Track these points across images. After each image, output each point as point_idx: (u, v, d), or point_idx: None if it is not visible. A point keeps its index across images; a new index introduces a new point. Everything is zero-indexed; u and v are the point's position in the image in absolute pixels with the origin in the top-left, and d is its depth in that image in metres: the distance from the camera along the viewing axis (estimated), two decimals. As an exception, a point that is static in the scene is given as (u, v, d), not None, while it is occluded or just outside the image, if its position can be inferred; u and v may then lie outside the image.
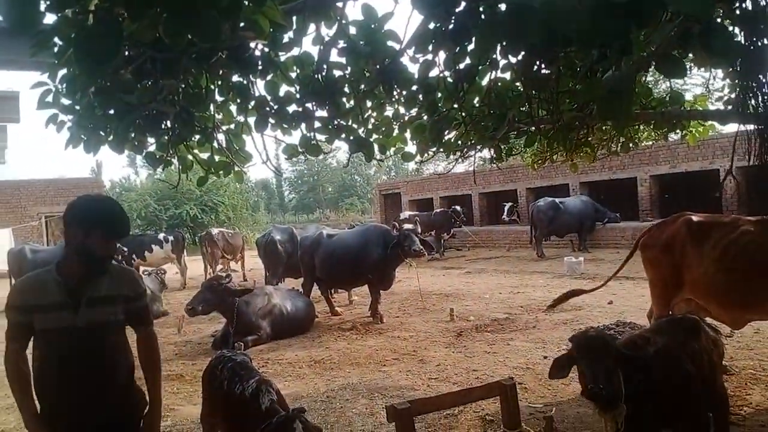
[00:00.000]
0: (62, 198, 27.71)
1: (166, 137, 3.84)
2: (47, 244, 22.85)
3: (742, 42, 3.69)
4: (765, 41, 3.82)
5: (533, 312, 9.90)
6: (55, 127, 3.52)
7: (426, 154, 5.14)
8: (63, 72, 3.20)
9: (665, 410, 3.20)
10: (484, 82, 3.91)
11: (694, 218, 5.50)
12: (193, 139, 4.09)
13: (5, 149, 8.91)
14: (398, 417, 2.87)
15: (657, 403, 3.14)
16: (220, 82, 3.63)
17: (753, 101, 4.48)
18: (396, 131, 4.52)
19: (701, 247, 5.26)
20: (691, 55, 3.09)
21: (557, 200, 18.48)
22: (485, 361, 7.13)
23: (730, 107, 5.09)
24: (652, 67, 3.22)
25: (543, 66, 3.41)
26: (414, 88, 3.80)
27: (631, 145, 6.63)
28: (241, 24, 2.57)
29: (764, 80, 4.37)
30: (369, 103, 4.23)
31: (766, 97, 4.39)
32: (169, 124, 3.68)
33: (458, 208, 21.59)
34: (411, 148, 4.75)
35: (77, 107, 3.38)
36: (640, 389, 3.10)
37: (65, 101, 3.40)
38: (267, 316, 9.06)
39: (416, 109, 4.30)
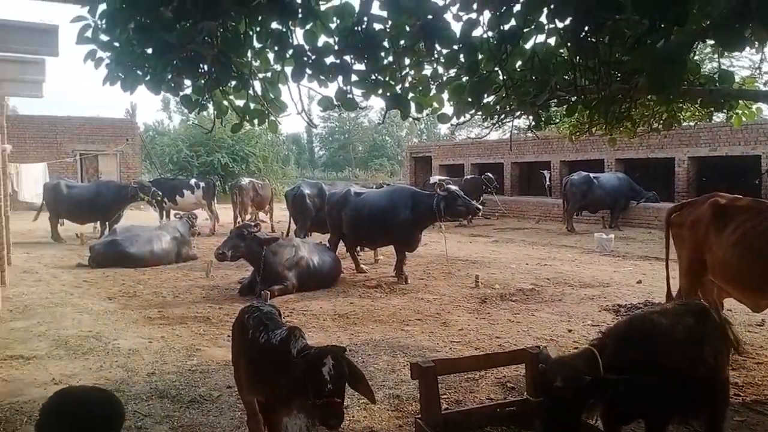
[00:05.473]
0: (97, 137, 28.11)
1: (202, 81, 3.81)
2: (81, 181, 23.26)
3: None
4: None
5: (560, 285, 9.82)
6: (93, 63, 3.51)
7: (462, 117, 5.04)
8: (103, 7, 3.17)
9: (658, 398, 3.16)
10: (528, 45, 3.79)
11: (721, 200, 5.50)
12: (229, 84, 4.05)
13: (43, 83, 8.98)
14: (422, 374, 2.87)
15: (650, 390, 3.11)
16: (258, 28, 3.58)
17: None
18: (433, 91, 4.43)
19: (722, 230, 5.30)
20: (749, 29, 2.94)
21: (591, 175, 18.15)
22: (508, 329, 7.12)
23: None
24: (705, 41, 3.10)
25: (590, 33, 3.29)
26: (455, 47, 3.70)
27: (673, 123, 6.45)
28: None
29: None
30: (408, 60, 4.13)
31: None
32: (206, 67, 3.64)
33: (490, 175, 21.34)
34: (447, 109, 4.65)
35: (116, 44, 3.36)
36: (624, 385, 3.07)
37: (104, 37, 3.37)
38: (294, 268, 9.17)
39: (456, 70, 4.20)
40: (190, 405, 4.85)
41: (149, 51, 3.34)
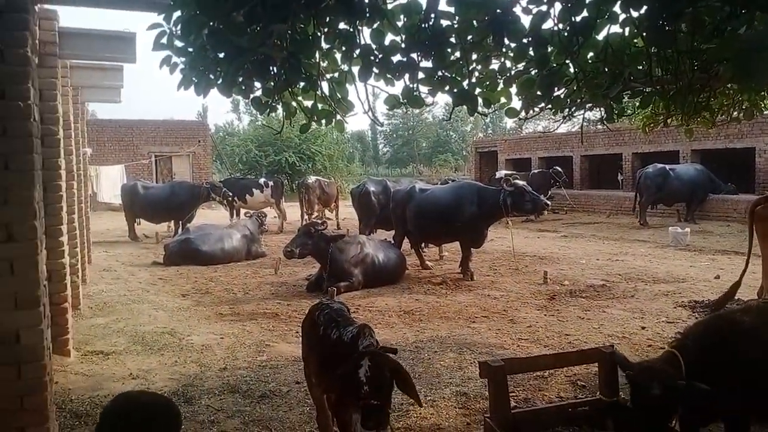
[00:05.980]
0: (171, 139, 29.15)
1: (272, 83, 3.88)
2: (156, 182, 24.17)
3: None
4: None
5: (632, 281, 9.53)
6: (168, 68, 3.63)
7: (531, 111, 4.95)
8: (178, 14, 3.27)
9: (741, 400, 3.02)
10: (601, 36, 3.68)
11: None
12: (298, 85, 4.12)
13: (121, 89, 9.41)
14: (491, 374, 2.83)
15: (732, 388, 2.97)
16: (326, 29, 3.61)
17: None
18: (501, 85, 4.36)
19: None
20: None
21: (667, 167, 17.47)
22: (578, 326, 6.96)
23: None
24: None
25: (667, 22, 3.16)
26: (525, 40, 3.63)
27: (755, 112, 6.14)
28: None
29: None
30: (475, 55, 4.09)
31: None
32: (276, 69, 3.70)
33: (559, 169, 20.88)
34: (516, 103, 4.57)
35: (190, 49, 3.46)
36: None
37: (179, 43, 3.48)
38: (359, 264, 9.25)
39: (524, 64, 4.12)
40: (261, 400, 4.96)
41: (221, 55, 3.42)
